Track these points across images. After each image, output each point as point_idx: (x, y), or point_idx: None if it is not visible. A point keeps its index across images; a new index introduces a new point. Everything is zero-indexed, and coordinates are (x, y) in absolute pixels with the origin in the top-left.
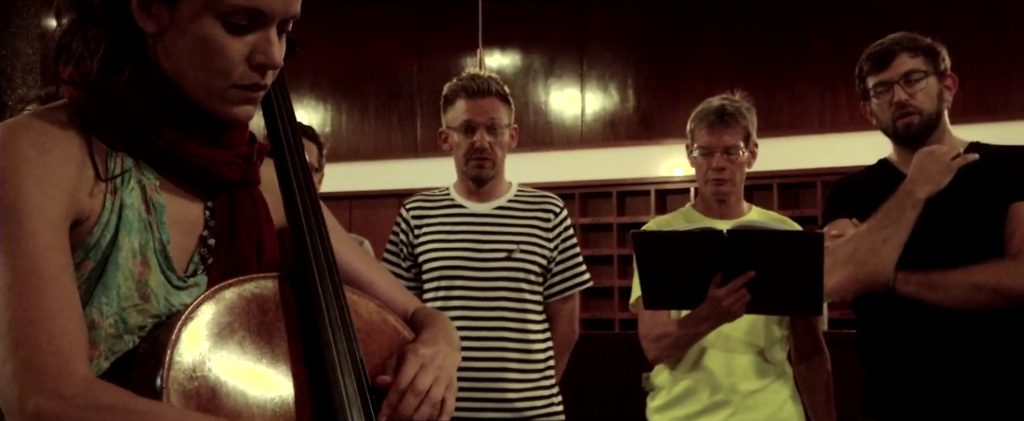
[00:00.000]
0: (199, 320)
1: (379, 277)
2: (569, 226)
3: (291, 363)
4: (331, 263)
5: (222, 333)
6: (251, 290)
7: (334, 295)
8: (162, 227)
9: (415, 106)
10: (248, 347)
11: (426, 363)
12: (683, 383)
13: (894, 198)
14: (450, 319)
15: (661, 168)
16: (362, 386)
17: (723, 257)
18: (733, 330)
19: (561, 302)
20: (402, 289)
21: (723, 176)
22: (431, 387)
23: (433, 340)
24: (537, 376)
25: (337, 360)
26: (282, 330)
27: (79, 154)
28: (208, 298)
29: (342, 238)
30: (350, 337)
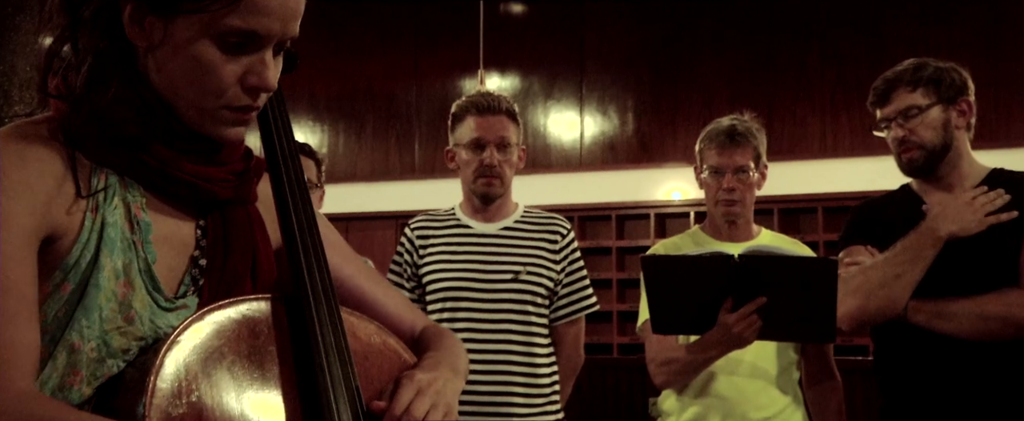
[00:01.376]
0: (185, 344)
1: (385, 294)
2: (576, 248)
3: (283, 389)
4: (327, 283)
5: (210, 358)
6: (242, 312)
7: (329, 317)
8: (148, 246)
9: (413, 128)
10: (238, 372)
11: (423, 389)
12: (692, 409)
13: (915, 233)
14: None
15: (660, 192)
16: (357, 413)
17: (733, 282)
18: (744, 354)
19: (567, 325)
20: (411, 306)
21: (734, 197)
22: (428, 414)
23: (434, 365)
24: (543, 401)
25: (331, 385)
26: (274, 354)
27: (59, 169)
28: (195, 320)
29: (346, 255)
30: (345, 361)
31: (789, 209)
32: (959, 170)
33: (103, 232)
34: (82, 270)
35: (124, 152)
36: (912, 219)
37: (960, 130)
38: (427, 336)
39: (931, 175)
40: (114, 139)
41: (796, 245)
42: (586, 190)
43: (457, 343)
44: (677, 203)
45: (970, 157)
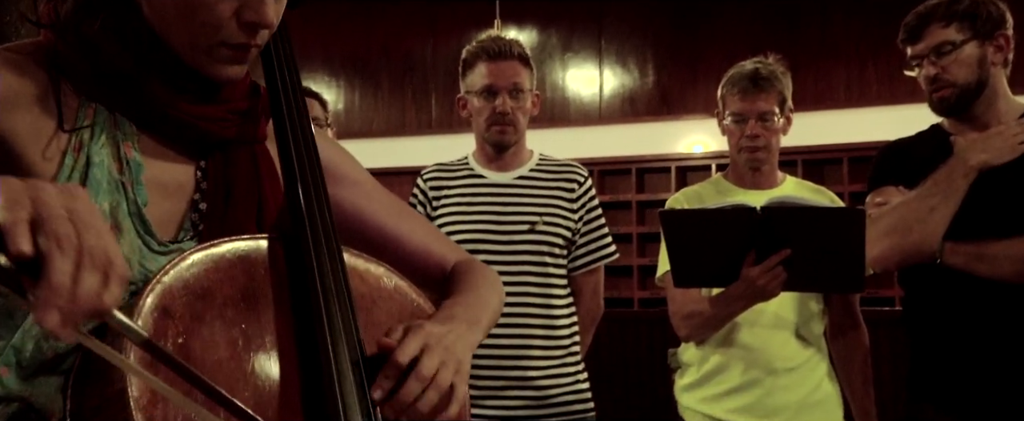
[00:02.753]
0: (171, 284)
1: (411, 229)
2: (594, 196)
3: (278, 335)
4: (328, 224)
5: (199, 299)
6: (237, 252)
7: (329, 259)
8: (138, 187)
9: (429, 83)
10: (230, 315)
11: (431, 344)
12: (713, 360)
13: (945, 166)
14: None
15: (681, 145)
16: (357, 361)
17: (756, 234)
18: (766, 305)
19: (586, 275)
20: (442, 239)
21: (757, 144)
22: (438, 371)
23: (448, 317)
24: (562, 353)
25: (329, 331)
26: (270, 298)
27: (39, 94)
28: (184, 259)
29: (369, 193)
30: (346, 306)
31: (814, 160)
32: (995, 109)
33: (87, 172)
34: None
35: (115, 87)
36: (943, 158)
37: (996, 67)
38: (457, 275)
39: (964, 115)
40: (105, 73)
41: (821, 193)
42: (606, 144)
43: (487, 283)
44: (698, 156)
45: (1007, 95)
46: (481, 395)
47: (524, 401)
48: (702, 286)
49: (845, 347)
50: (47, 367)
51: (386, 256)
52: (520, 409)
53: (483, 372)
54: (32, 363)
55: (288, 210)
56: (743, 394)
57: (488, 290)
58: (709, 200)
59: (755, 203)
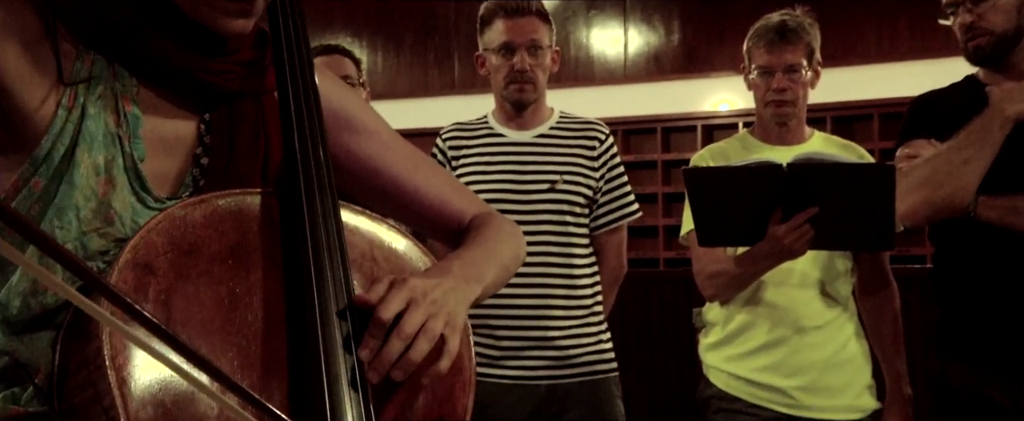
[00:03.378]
0: (154, 239)
1: (428, 181)
2: (615, 154)
3: (267, 294)
4: (326, 177)
5: (184, 254)
6: (228, 206)
7: (323, 213)
8: (135, 141)
9: (451, 43)
10: (216, 273)
11: (416, 298)
12: (738, 319)
13: (980, 117)
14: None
15: (707, 103)
16: (348, 320)
17: (782, 192)
18: (792, 263)
19: (609, 234)
20: (460, 191)
21: (784, 97)
22: (424, 326)
23: (440, 271)
24: (584, 312)
25: (318, 289)
26: (261, 255)
27: (34, 38)
28: (169, 214)
29: (386, 143)
30: (337, 265)
31: (843, 116)
32: None
33: (82, 124)
34: (54, 165)
35: (115, 36)
36: (978, 109)
37: None
38: (471, 228)
39: (1001, 64)
40: (104, 22)
41: (849, 148)
42: (631, 103)
43: (500, 235)
44: (725, 114)
45: None
46: (501, 355)
47: (545, 361)
48: (727, 245)
49: (874, 306)
50: (36, 323)
51: (402, 208)
52: (541, 369)
53: (503, 332)
54: (19, 319)
55: (283, 162)
56: (768, 353)
57: (499, 242)
58: (734, 157)
59: (781, 160)
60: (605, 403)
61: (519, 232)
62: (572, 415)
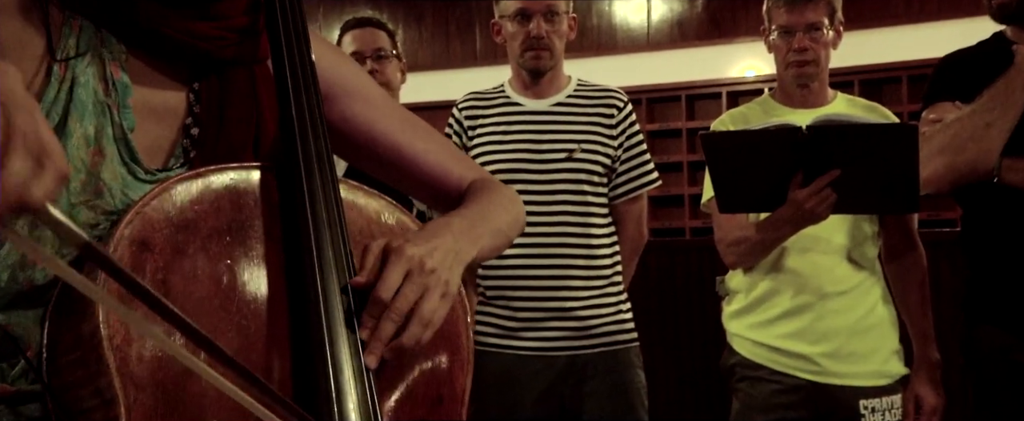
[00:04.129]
0: (151, 215)
1: (426, 148)
2: (634, 121)
3: (267, 271)
4: (323, 150)
5: (181, 231)
6: (224, 182)
7: (322, 188)
8: (124, 111)
9: (473, 14)
10: (214, 249)
11: (412, 270)
12: (762, 286)
13: (1004, 77)
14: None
15: (733, 69)
16: (350, 296)
17: (803, 155)
18: (816, 228)
19: (628, 203)
20: (459, 158)
21: (806, 57)
22: (419, 302)
23: (434, 232)
24: (603, 283)
25: (319, 266)
26: (260, 230)
27: (21, 4)
28: (166, 189)
29: (381, 108)
30: (338, 240)
31: (871, 80)
32: None
33: (73, 92)
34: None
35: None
36: (1005, 68)
37: None
38: (469, 192)
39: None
40: None
41: (874, 109)
42: (654, 70)
43: (496, 199)
44: (751, 81)
45: None
46: (520, 327)
47: (564, 332)
48: (748, 211)
49: (901, 269)
50: (24, 298)
51: (401, 175)
52: (560, 340)
53: (522, 304)
54: (7, 293)
55: (280, 136)
56: (793, 319)
57: (500, 207)
58: (755, 121)
59: (802, 122)
60: (626, 373)
61: (519, 200)
62: (592, 385)
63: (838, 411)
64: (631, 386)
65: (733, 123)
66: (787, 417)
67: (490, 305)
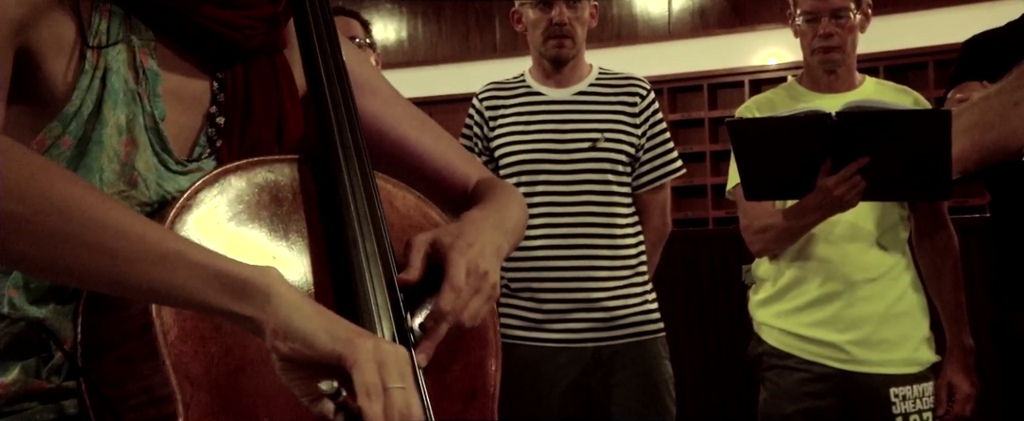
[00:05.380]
0: (198, 210)
1: (434, 143)
2: (657, 109)
3: (310, 265)
4: (359, 143)
5: (226, 226)
6: (263, 176)
7: (363, 182)
8: (155, 100)
9: (492, 6)
10: (258, 246)
11: (470, 272)
12: (789, 274)
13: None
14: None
15: (755, 57)
16: (394, 292)
17: (832, 141)
18: (843, 215)
19: (652, 193)
20: (465, 156)
21: (831, 43)
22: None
23: (477, 229)
24: (629, 273)
25: (365, 261)
26: (300, 224)
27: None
28: (208, 183)
29: (388, 100)
30: (380, 234)
31: (897, 65)
32: None
33: (106, 80)
34: (83, 122)
35: None
36: None
37: None
38: (481, 190)
39: None
40: None
41: (904, 92)
42: (676, 60)
43: (508, 198)
44: (773, 68)
45: None
46: (546, 319)
47: (590, 323)
48: (774, 198)
49: (932, 253)
50: (57, 294)
51: (408, 170)
52: (586, 332)
53: (547, 295)
54: (40, 288)
55: (317, 129)
56: (822, 308)
57: (512, 203)
58: (781, 107)
59: (830, 108)
60: (652, 363)
61: (522, 198)
62: (620, 377)
63: (867, 400)
64: (659, 377)
65: (759, 109)
66: (816, 406)
67: (515, 297)
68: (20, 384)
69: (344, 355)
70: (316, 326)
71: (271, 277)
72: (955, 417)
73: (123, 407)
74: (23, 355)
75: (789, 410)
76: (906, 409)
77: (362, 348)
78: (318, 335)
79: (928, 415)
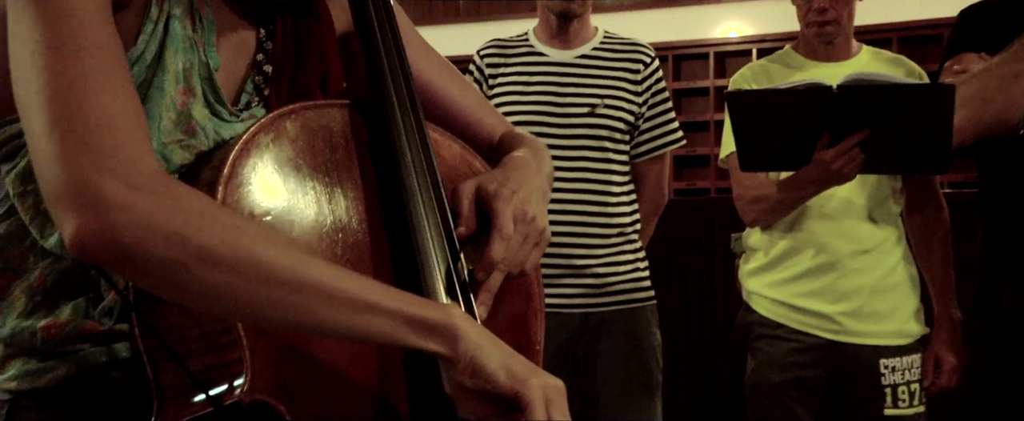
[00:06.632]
0: (255, 154)
1: (462, 93)
2: (660, 78)
3: (364, 212)
4: (411, 92)
5: (283, 169)
6: (315, 120)
7: (416, 132)
8: (210, 49)
9: None
10: (316, 189)
11: (518, 218)
12: (781, 244)
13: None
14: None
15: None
16: (452, 242)
17: (831, 114)
18: (837, 188)
19: (649, 162)
20: (490, 109)
21: (827, 17)
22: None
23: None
24: (620, 241)
25: (423, 212)
26: (353, 171)
27: None
28: (264, 128)
29: (417, 48)
30: (437, 184)
31: (910, 37)
32: None
33: (169, 24)
34: (145, 67)
35: None
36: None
37: None
38: (507, 143)
39: None
40: None
41: (899, 63)
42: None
43: (537, 151)
44: (735, 41)
45: None
46: None
47: (581, 289)
48: (770, 170)
49: (923, 225)
50: None
51: (434, 119)
52: (576, 297)
53: None
54: None
55: (368, 76)
56: (814, 278)
57: (540, 152)
58: (777, 76)
59: (828, 78)
60: (641, 331)
61: (548, 152)
62: (607, 343)
63: (856, 371)
64: (646, 345)
65: (754, 77)
66: (804, 376)
67: None
68: (73, 325)
69: (520, 394)
70: (497, 365)
71: (456, 318)
72: (941, 388)
73: (183, 350)
74: (72, 294)
75: (777, 380)
76: (895, 380)
77: (534, 388)
78: (499, 374)
79: (916, 386)
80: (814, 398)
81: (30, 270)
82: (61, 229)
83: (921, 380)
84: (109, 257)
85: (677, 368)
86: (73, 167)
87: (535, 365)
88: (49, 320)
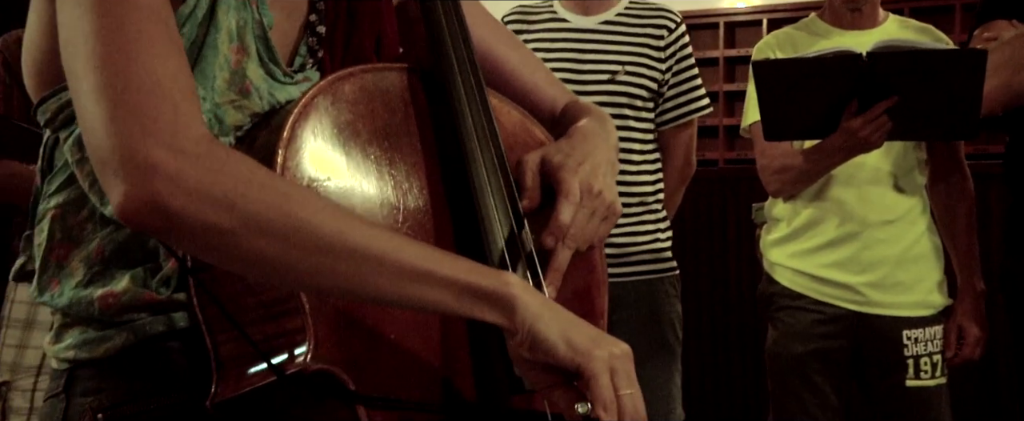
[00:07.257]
0: (315, 117)
1: (523, 61)
2: (686, 44)
3: (427, 179)
4: (472, 58)
5: (343, 133)
6: (374, 83)
7: (478, 98)
8: (263, 6)
9: None
10: (375, 155)
11: (584, 193)
12: (805, 214)
13: None
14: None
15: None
16: (516, 210)
17: (860, 82)
18: (863, 157)
19: (675, 130)
20: (553, 79)
21: None
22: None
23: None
24: (641, 210)
25: (486, 178)
26: (413, 136)
27: None
28: (323, 90)
29: (476, 14)
30: (500, 150)
31: (922, 7)
32: None
33: None
34: (198, 23)
35: None
36: None
37: None
38: (570, 115)
39: None
40: None
41: (927, 31)
42: None
43: (605, 116)
44: (744, 11)
45: None
46: None
47: None
48: (796, 138)
49: (948, 196)
50: None
51: (496, 88)
52: None
53: None
54: None
55: (428, 40)
56: (837, 249)
57: (606, 122)
58: (803, 44)
59: (855, 46)
60: (661, 302)
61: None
62: (623, 313)
63: (879, 341)
64: (664, 316)
65: (779, 45)
66: (826, 347)
67: None
68: (131, 294)
69: (582, 366)
70: (557, 336)
71: (513, 286)
72: (964, 360)
73: (244, 318)
74: (130, 263)
75: (799, 351)
76: (917, 351)
77: (598, 359)
78: (559, 346)
79: (938, 357)
80: (836, 369)
81: (89, 239)
82: (109, 196)
83: (944, 351)
84: (157, 224)
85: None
86: (120, 133)
87: (600, 331)
88: (106, 289)
